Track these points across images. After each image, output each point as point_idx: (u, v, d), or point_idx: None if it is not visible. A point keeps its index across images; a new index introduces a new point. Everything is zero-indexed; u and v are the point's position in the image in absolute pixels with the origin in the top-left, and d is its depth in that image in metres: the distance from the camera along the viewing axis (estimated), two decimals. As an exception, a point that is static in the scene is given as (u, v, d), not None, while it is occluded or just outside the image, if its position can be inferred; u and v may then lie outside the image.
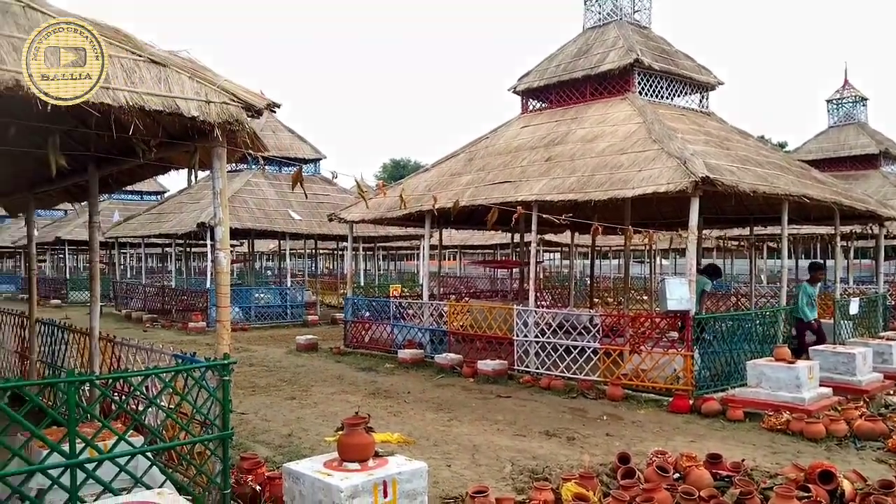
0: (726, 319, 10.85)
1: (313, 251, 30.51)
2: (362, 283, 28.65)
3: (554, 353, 11.03)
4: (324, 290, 29.32)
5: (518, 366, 11.44)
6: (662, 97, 13.48)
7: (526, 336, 11.45)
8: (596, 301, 20.74)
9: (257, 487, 5.38)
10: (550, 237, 25.85)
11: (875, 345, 11.11)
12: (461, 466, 6.68)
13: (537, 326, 11.44)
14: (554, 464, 6.71)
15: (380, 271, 39.79)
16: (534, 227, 11.58)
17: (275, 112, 5.39)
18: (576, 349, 10.77)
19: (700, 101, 14.09)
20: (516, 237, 18.16)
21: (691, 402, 8.94)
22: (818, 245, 29.24)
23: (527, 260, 15.37)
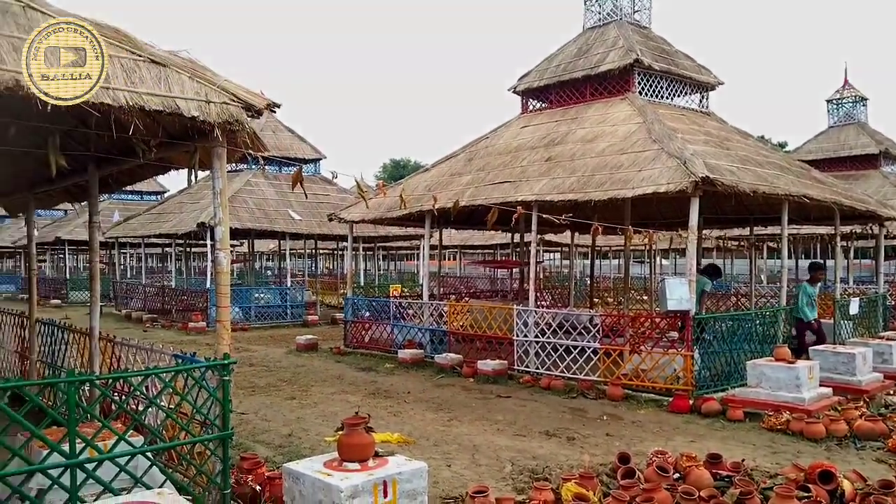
0: (726, 319, 10.85)
1: (313, 251, 30.51)
2: (362, 283, 28.67)
3: (554, 353, 11.03)
4: (324, 291, 29.33)
5: (518, 366, 11.44)
6: (662, 97, 13.48)
7: (526, 336, 11.45)
8: (596, 301, 20.74)
9: (257, 487, 5.38)
10: (550, 237, 25.85)
11: (875, 345, 11.11)
12: (461, 466, 6.68)
13: (537, 326, 11.44)
14: (554, 464, 6.71)
15: (380, 271, 39.79)
16: (534, 227, 11.58)
17: (275, 112, 5.39)
18: (576, 349, 10.77)
19: (700, 101, 14.09)
20: (516, 237, 18.17)
21: (691, 402, 8.93)
22: (818, 245, 29.24)
23: (527, 260, 15.38)
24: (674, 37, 14.88)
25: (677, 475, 5.90)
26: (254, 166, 21.77)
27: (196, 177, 19.05)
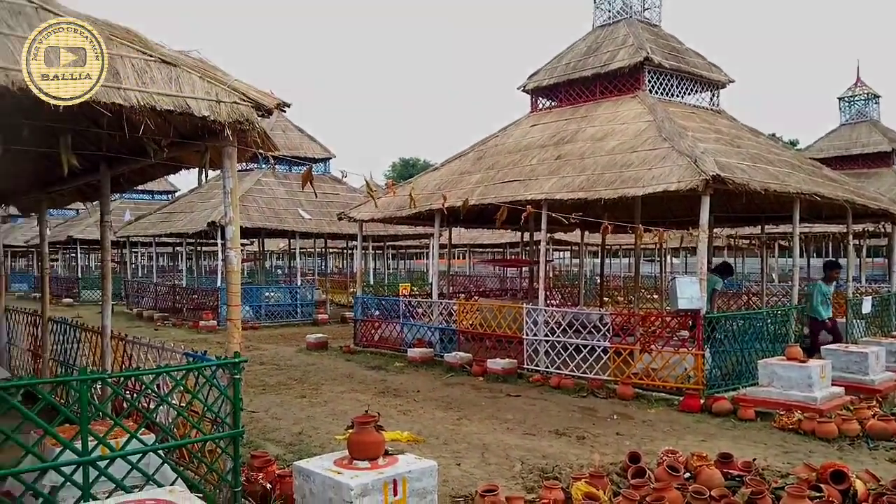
0: (737, 318, 10.79)
1: (323, 250, 30.58)
2: (372, 282, 28.69)
3: (564, 352, 11.01)
4: (333, 289, 29.39)
5: (528, 365, 11.42)
6: (673, 95, 13.42)
7: (536, 335, 11.44)
8: (606, 300, 20.69)
9: (268, 485, 5.40)
10: (560, 236, 25.81)
11: (888, 344, 11.03)
12: (471, 465, 6.69)
13: (547, 325, 11.42)
14: (564, 463, 6.71)
15: (389, 270, 39.84)
16: (543, 225, 11.56)
17: (285, 111, 5.40)
18: (586, 348, 10.74)
19: (710, 99, 14.03)
20: (526, 236, 18.15)
21: (702, 401, 8.90)
22: (830, 244, 29.04)
23: (536, 259, 15.35)
24: (684, 35, 14.79)
25: (688, 475, 5.87)
26: (264, 166, 21.84)
27: (207, 176, 19.15)
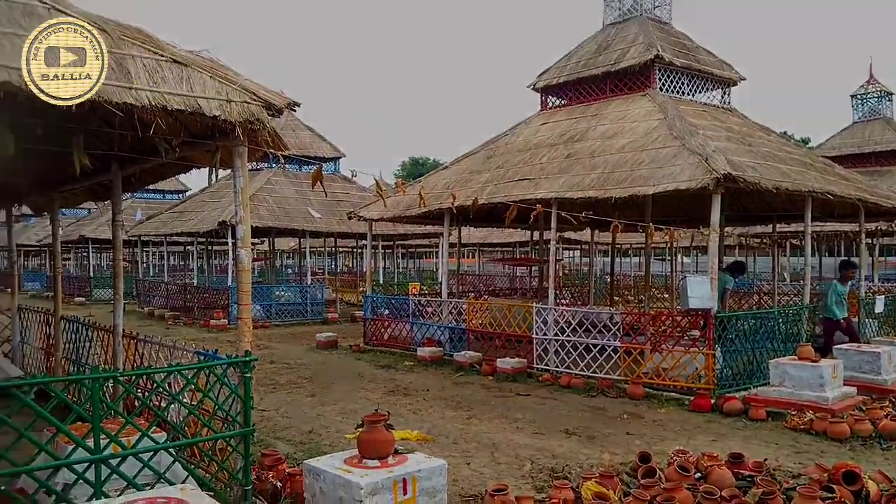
0: (749, 318, 10.74)
1: (333, 249, 30.65)
2: (381, 281, 28.74)
3: (574, 352, 10.98)
4: (343, 288, 29.44)
5: (538, 364, 11.40)
6: (683, 93, 13.35)
7: (545, 334, 11.41)
8: (616, 299, 20.62)
9: (278, 484, 5.42)
10: (570, 235, 25.74)
11: (901, 343, 10.93)
12: (480, 464, 6.68)
13: (557, 324, 11.39)
14: (574, 462, 6.69)
15: (399, 269, 39.87)
16: (553, 224, 11.53)
17: (295, 111, 5.41)
18: (596, 347, 10.71)
19: (722, 97, 13.95)
20: (535, 235, 18.11)
21: (713, 400, 8.86)
22: (842, 242, 28.84)
23: (546, 258, 15.32)
24: (694, 33, 14.72)
25: (699, 475, 5.85)
26: (274, 165, 21.90)
27: (217, 176, 19.20)
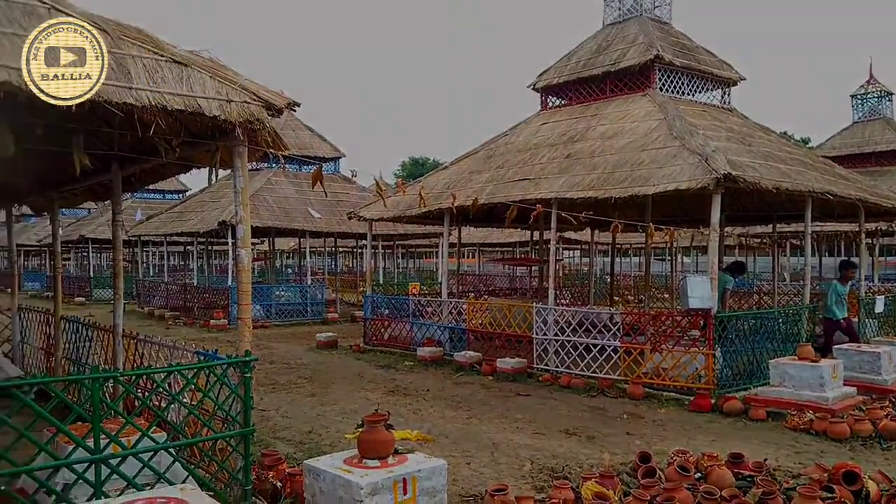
0: (749, 318, 10.74)
1: (333, 249, 30.66)
2: (381, 281, 28.73)
3: (574, 352, 10.98)
4: (343, 288, 29.44)
5: (538, 364, 11.40)
6: (683, 93, 13.35)
7: (545, 334, 11.41)
8: (616, 299, 20.62)
9: (278, 484, 5.42)
10: (570, 235, 25.75)
11: (901, 343, 10.93)
12: (480, 464, 6.68)
13: (557, 324, 11.39)
14: (574, 462, 6.69)
15: (399, 269, 39.87)
16: (553, 224, 11.53)
17: (295, 111, 5.42)
18: (596, 347, 10.71)
19: (721, 97, 13.95)
20: (535, 235, 18.11)
21: (713, 400, 8.86)
22: (842, 242, 28.83)
23: (546, 258, 15.32)
24: (694, 32, 14.73)
25: (699, 475, 5.85)
26: (274, 165, 21.89)
27: (217, 175, 19.21)
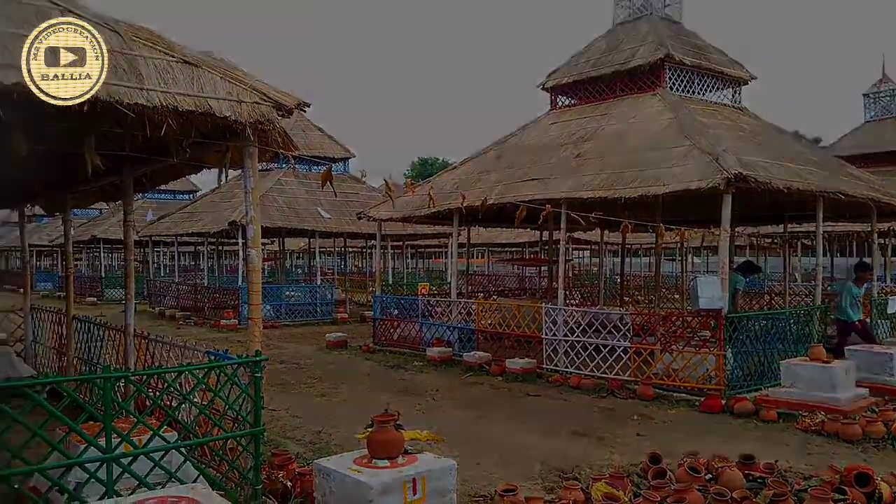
0: (760, 318, 10.68)
1: (343, 249, 30.71)
2: (391, 281, 28.76)
3: (584, 352, 10.95)
4: (353, 288, 29.47)
5: (547, 364, 11.38)
6: (694, 92, 13.29)
7: (555, 334, 11.39)
8: (626, 299, 20.55)
9: (288, 483, 5.44)
10: (580, 235, 25.67)
11: (914, 345, 10.83)
12: (490, 465, 6.68)
13: (566, 325, 11.36)
14: (584, 463, 6.67)
15: (408, 269, 39.88)
16: (563, 224, 11.50)
17: (304, 111, 5.43)
18: (606, 348, 10.68)
19: (732, 97, 13.89)
20: (545, 235, 18.07)
21: (724, 401, 8.81)
22: (854, 242, 28.61)
23: (555, 258, 15.29)
24: (705, 31, 14.67)
25: (709, 476, 5.82)
26: (284, 165, 21.95)
27: (227, 176, 19.31)
